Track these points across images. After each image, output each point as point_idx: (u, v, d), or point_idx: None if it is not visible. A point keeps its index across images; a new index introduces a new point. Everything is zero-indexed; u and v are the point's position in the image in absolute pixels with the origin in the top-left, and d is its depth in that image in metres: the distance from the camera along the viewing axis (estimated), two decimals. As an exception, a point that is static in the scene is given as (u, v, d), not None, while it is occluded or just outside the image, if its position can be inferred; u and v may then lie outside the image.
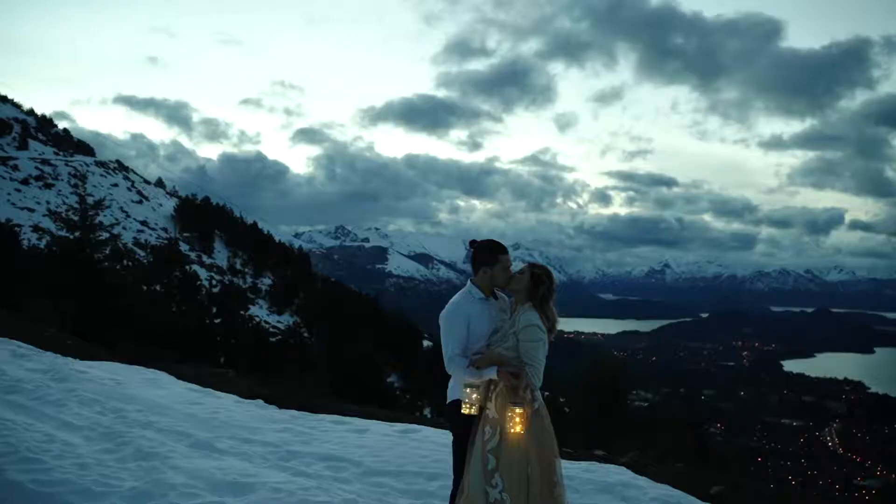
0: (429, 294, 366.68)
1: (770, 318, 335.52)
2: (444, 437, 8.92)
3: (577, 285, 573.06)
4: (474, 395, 5.19)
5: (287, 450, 7.90)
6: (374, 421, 9.78)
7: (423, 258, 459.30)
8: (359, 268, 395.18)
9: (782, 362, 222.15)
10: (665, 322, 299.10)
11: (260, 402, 10.64)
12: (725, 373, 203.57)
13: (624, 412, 21.55)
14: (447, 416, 5.61)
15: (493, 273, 5.44)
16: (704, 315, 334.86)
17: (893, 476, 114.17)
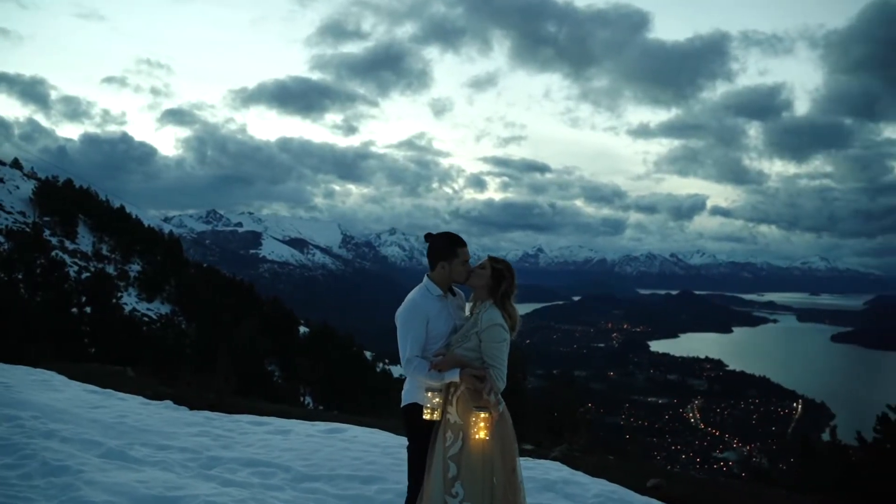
0: (304, 279, 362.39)
1: (638, 300, 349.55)
2: (374, 437, 8.59)
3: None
4: (436, 400, 4.89)
5: (208, 456, 7.35)
6: (294, 420, 9.32)
7: (298, 243, 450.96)
8: (232, 253, 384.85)
9: (649, 343, 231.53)
10: (539, 305, 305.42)
11: (169, 403, 9.96)
12: (596, 354, 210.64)
13: (523, 399, 21.59)
14: (404, 420, 5.29)
15: (452, 268, 5.14)
16: (576, 298, 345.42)
17: (748, 448, 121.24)
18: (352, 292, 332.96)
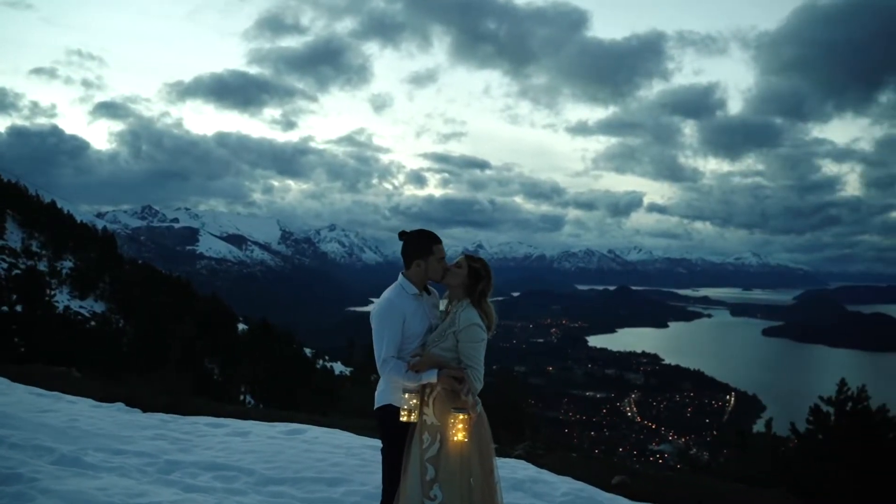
0: (242, 276, 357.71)
1: (577, 296, 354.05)
2: (336, 438, 8.44)
3: (394, 266, 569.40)
4: (413, 401, 4.79)
5: (166, 460, 7.09)
6: (252, 421, 9.08)
7: (236, 239, 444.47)
8: (168, 249, 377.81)
9: (587, 338, 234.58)
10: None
11: (121, 405, 9.60)
12: (536, 349, 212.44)
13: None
14: (378, 422, 5.17)
15: (428, 266, 5.04)
16: (516, 294, 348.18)
17: (683, 440, 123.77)
18: (291, 289, 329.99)
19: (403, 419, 4.78)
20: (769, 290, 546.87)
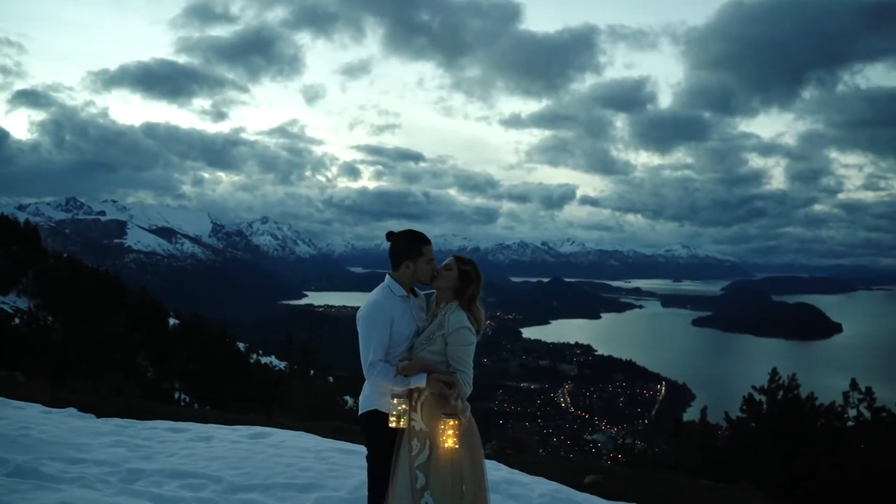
0: (173, 270, 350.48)
1: (511, 288, 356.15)
2: (303, 442, 8.24)
3: (327, 259, 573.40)
4: (402, 407, 4.65)
5: (128, 468, 6.78)
6: (213, 425, 8.80)
7: (165, 232, 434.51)
8: (94, 243, 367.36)
9: (521, 330, 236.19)
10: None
11: (73, 410, 9.17)
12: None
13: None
14: (363, 428, 5.03)
15: (417, 268, 4.92)
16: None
17: (615, 429, 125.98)
18: (223, 282, 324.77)
19: (392, 425, 4.64)
20: (698, 281, 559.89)
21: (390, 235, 5.01)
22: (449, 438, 4.48)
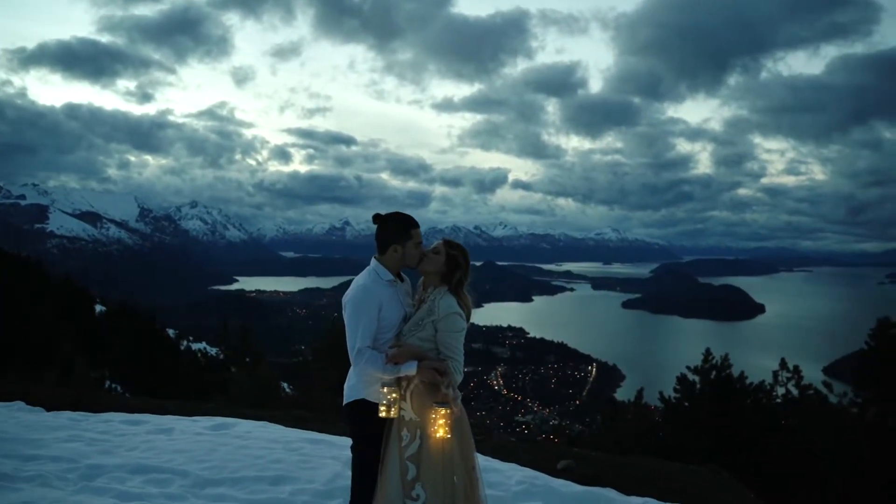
0: (98, 255, 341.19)
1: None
2: (268, 432, 7.99)
3: (258, 244, 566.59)
4: (393, 395, 4.48)
5: (87, 464, 6.42)
6: (171, 416, 8.45)
7: (90, 217, 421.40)
8: (14, 228, 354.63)
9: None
10: (346, 278, 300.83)
11: (20, 404, 8.69)
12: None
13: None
14: (348, 419, 4.84)
15: (405, 251, 4.76)
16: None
17: (547, 411, 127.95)
18: (151, 268, 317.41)
19: (383, 415, 4.47)
20: (628, 264, 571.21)
21: (377, 218, 4.82)
22: (440, 428, 4.36)
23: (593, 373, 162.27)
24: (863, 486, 12.78)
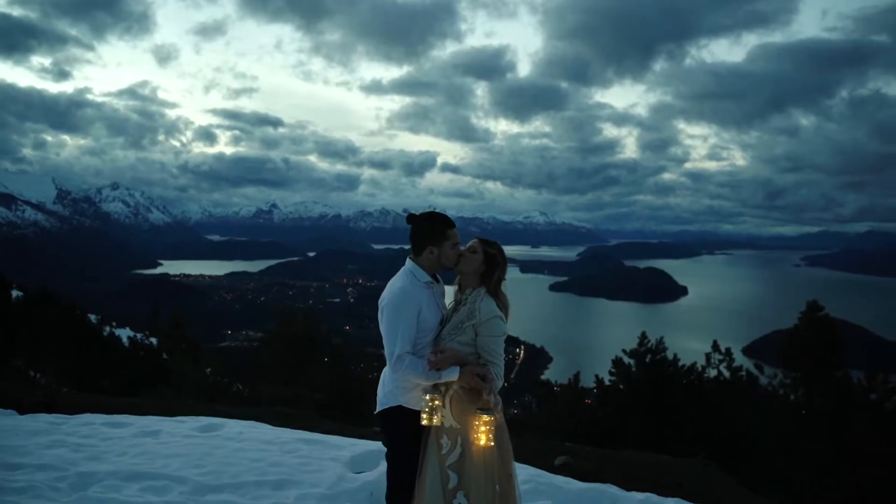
0: (13, 238, 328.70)
1: (372, 255, 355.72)
2: (262, 433, 7.68)
3: (183, 227, 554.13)
4: (435, 402, 4.31)
5: (77, 472, 6.03)
6: (154, 417, 8.03)
7: (4, 198, 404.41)
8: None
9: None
10: (273, 262, 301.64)
11: (-9, 407, 8.16)
12: (333, 309, 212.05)
13: (320, 365, 20.98)
14: (384, 426, 4.62)
15: (442, 252, 4.55)
16: (312, 254, 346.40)
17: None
18: (70, 252, 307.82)
19: (424, 423, 4.30)
20: (555, 247, 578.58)
21: (411, 218, 4.63)
22: (483, 435, 4.20)
23: (521, 355, 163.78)
24: (794, 466, 13.05)
